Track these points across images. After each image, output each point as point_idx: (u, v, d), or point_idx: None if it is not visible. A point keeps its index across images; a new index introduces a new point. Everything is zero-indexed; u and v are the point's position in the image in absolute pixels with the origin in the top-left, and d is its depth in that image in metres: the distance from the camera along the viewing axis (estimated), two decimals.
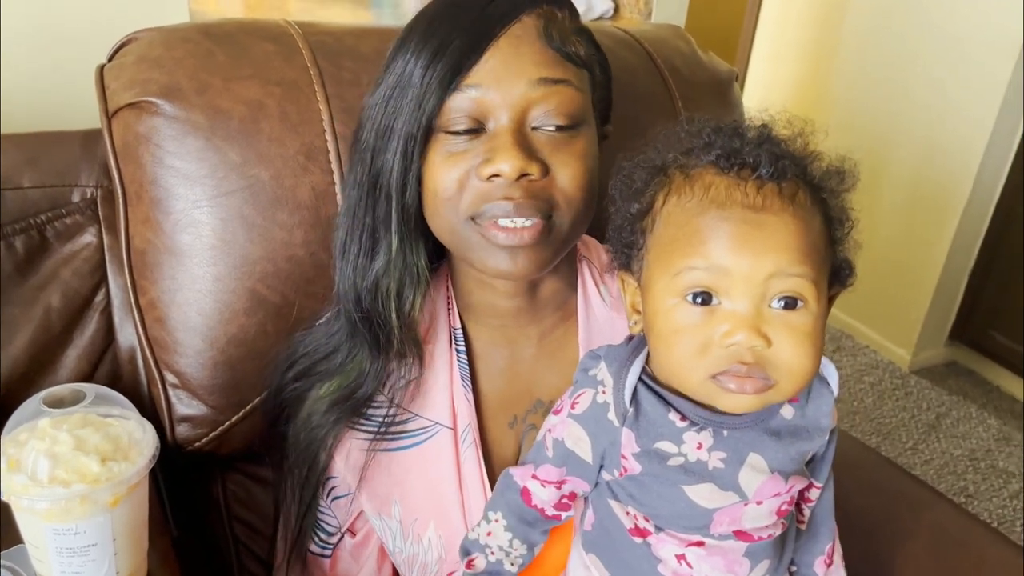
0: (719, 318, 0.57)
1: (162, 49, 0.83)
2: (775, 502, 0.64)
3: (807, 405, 0.65)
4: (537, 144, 0.68)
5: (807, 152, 0.62)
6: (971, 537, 1.02)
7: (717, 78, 1.12)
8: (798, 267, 0.57)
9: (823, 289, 0.59)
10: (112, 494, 0.62)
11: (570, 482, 0.68)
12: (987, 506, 2.15)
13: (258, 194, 0.81)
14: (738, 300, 0.57)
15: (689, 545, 0.65)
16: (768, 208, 0.57)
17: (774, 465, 0.63)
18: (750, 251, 0.56)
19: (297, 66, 0.84)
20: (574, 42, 0.70)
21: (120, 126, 0.83)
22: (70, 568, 0.63)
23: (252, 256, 0.82)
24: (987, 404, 2.56)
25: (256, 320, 0.84)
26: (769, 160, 0.58)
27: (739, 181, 0.58)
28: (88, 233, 0.91)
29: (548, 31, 0.68)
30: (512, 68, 0.67)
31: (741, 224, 0.57)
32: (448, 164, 0.69)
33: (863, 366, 2.71)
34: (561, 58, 0.68)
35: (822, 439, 0.66)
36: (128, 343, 0.92)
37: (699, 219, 0.58)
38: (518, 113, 0.67)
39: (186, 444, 0.88)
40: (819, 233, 0.59)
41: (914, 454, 2.33)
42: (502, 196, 0.67)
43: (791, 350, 0.58)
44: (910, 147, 2.57)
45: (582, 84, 0.70)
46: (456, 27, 0.67)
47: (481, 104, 0.67)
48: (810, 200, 0.59)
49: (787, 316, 0.57)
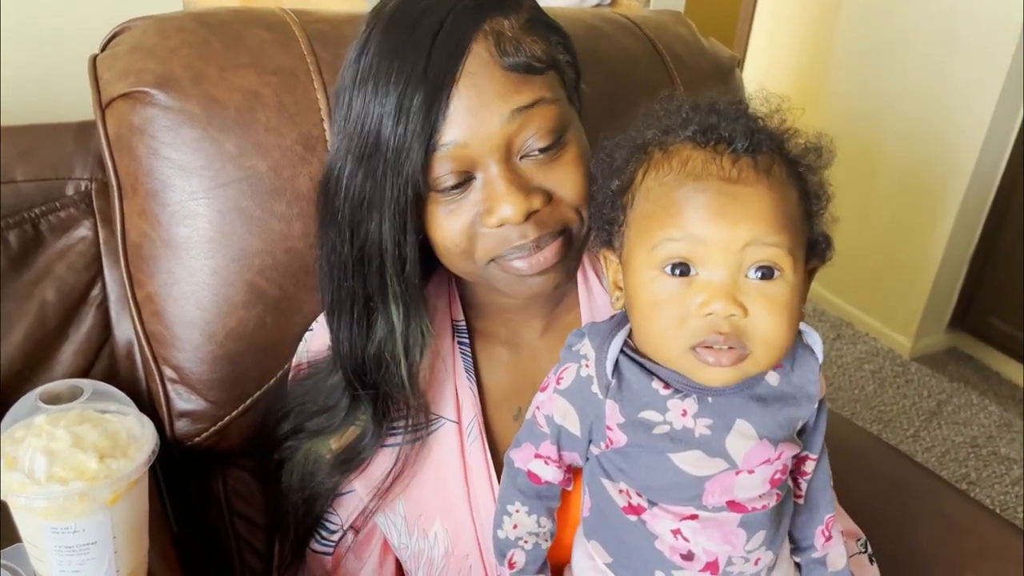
0: (696, 288, 0.58)
1: (156, 38, 0.81)
2: (767, 470, 0.64)
3: (792, 372, 0.65)
4: (530, 173, 0.66)
5: (784, 128, 0.62)
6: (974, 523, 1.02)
7: (719, 64, 1.11)
8: (774, 236, 0.57)
9: (800, 261, 0.60)
10: (111, 491, 0.61)
11: (567, 456, 0.69)
12: (989, 492, 2.16)
13: (256, 185, 0.80)
14: (715, 270, 0.58)
15: (683, 519, 0.65)
16: (743, 180, 0.57)
17: (762, 431, 0.63)
18: (726, 221, 0.57)
19: (294, 54, 0.83)
20: (530, 43, 0.65)
21: (114, 117, 0.82)
22: (70, 567, 0.62)
23: (250, 249, 0.81)
24: (988, 391, 2.56)
25: (255, 313, 0.83)
26: (744, 134, 0.58)
27: (715, 155, 0.58)
28: (83, 227, 0.90)
29: (502, 50, 0.63)
30: (480, 111, 0.63)
31: (717, 195, 0.57)
32: (450, 220, 0.67)
33: (863, 354, 2.71)
34: (525, 76, 0.64)
35: (810, 406, 0.66)
36: (125, 338, 0.91)
37: (676, 192, 0.59)
38: (502, 153, 0.65)
39: (185, 439, 0.87)
40: (795, 206, 0.60)
41: (915, 441, 2.33)
42: (518, 238, 0.66)
43: (767, 319, 0.58)
44: (909, 133, 2.56)
45: (554, 89, 0.67)
46: (412, 77, 0.62)
47: (463, 157, 0.64)
48: (786, 173, 0.60)
49: (764, 286, 0.58)
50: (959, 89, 2.42)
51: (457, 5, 0.64)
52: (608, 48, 1.01)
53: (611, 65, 1.00)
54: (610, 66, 1.00)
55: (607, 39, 1.02)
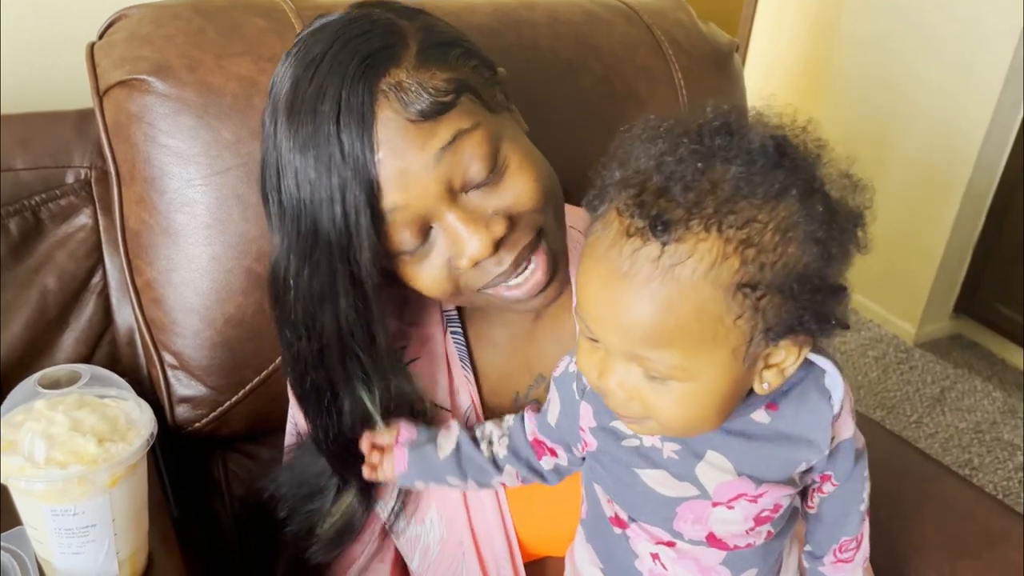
0: (602, 359, 0.56)
1: (152, 26, 0.82)
2: (749, 508, 0.62)
3: (792, 414, 0.61)
4: (483, 201, 0.65)
5: (761, 213, 0.50)
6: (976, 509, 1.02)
7: (718, 50, 1.10)
8: (650, 351, 0.53)
9: (721, 361, 0.53)
10: (110, 475, 0.62)
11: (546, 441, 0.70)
12: (992, 478, 2.15)
13: (252, 172, 0.80)
14: (611, 351, 0.55)
15: (659, 543, 0.65)
16: (634, 275, 0.51)
17: (742, 467, 0.61)
18: (606, 325, 0.54)
19: (290, 41, 0.82)
20: (428, 79, 0.62)
21: (112, 105, 0.82)
22: (70, 549, 0.63)
23: (248, 235, 0.81)
24: (992, 377, 2.55)
25: (253, 299, 0.83)
26: (670, 218, 0.50)
27: (623, 236, 0.51)
28: (83, 214, 0.90)
29: (404, 102, 0.61)
30: (408, 169, 0.61)
31: (602, 289, 0.53)
32: (427, 272, 0.67)
33: (868, 340, 2.70)
34: (435, 117, 0.62)
35: (815, 452, 0.62)
36: (126, 325, 0.92)
37: (584, 261, 0.55)
38: (447, 197, 0.63)
39: (186, 425, 0.88)
40: (705, 308, 0.51)
41: (919, 427, 2.33)
42: (495, 267, 0.66)
43: (665, 406, 0.55)
44: (914, 120, 2.55)
45: (470, 116, 0.63)
46: (331, 168, 0.61)
47: (412, 218, 0.63)
48: (707, 269, 0.50)
49: (655, 384, 0.55)
50: (963, 75, 2.41)
51: (345, 77, 0.61)
52: (606, 34, 1.01)
53: (609, 51, 1.00)
54: (608, 52, 1.00)
55: (605, 25, 1.02)
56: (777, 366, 0.56)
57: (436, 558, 0.79)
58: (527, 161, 0.67)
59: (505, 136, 0.66)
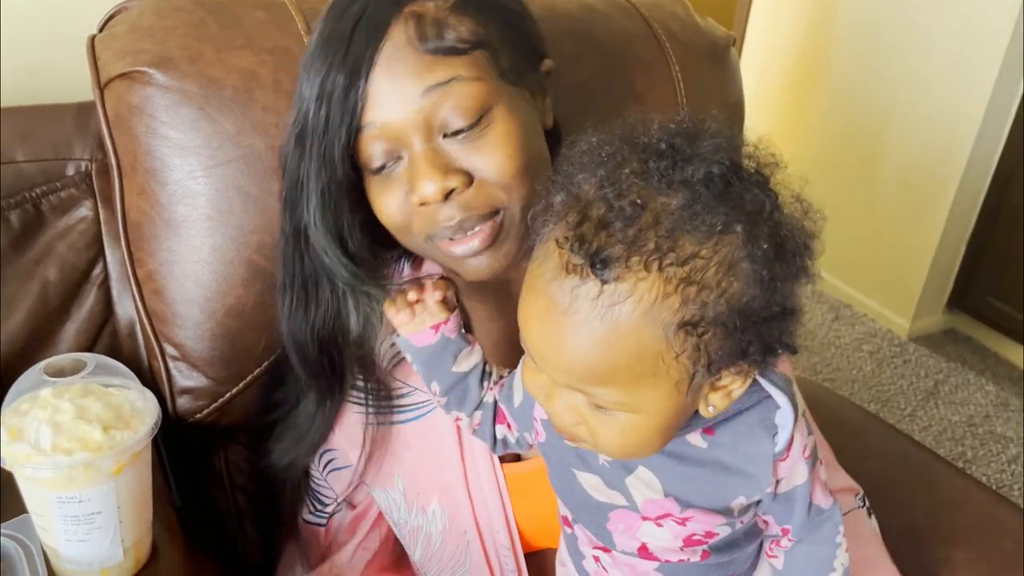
0: (549, 383, 0.56)
1: (153, 18, 0.82)
2: (677, 529, 0.61)
3: (727, 441, 0.59)
4: (454, 152, 0.66)
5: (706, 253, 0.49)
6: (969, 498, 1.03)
7: (715, 44, 1.11)
8: (590, 385, 0.53)
9: (660, 395, 0.52)
10: (115, 462, 0.62)
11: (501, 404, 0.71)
12: (985, 471, 2.17)
13: (253, 164, 0.81)
14: (556, 380, 0.55)
15: (596, 548, 0.66)
16: (573, 313, 0.50)
17: (669, 488, 0.60)
18: (548, 360, 0.53)
19: (290, 34, 0.83)
20: (453, 26, 0.65)
21: (113, 97, 0.82)
22: (75, 536, 0.64)
23: (249, 226, 0.82)
24: (985, 370, 2.57)
25: (254, 291, 0.84)
26: (609, 255, 0.48)
27: (562, 272, 0.50)
28: (84, 206, 0.90)
29: (420, 34, 0.64)
30: (396, 91, 0.64)
31: (543, 325, 0.52)
32: (384, 198, 0.69)
33: (862, 335, 2.72)
34: (442, 56, 0.64)
35: (755, 487, 0.60)
36: (127, 316, 0.92)
37: (526, 291, 0.54)
38: (423, 132, 0.65)
39: (187, 416, 0.89)
40: (645, 347, 0.50)
41: (912, 421, 2.35)
42: (444, 219, 0.67)
43: (607, 434, 0.55)
44: (908, 115, 2.56)
45: (476, 69, 0.66)
46: (334, 64, 0.65)
47: (386, 137, 0.66)
48: (646, 309, 0.49)
49: (599, 413, 0.54)
50: (958, 70, 2.42)
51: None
52: (603, 27, 1.02)
53: (606, 44, 1.00)
54: (605, 45, 1.00)
55: (602, 18, 1.02)
56: (724, 388, 0.55)
57: (439, 548, 0.80)
58: (512, 136, 0.67)
59: (504, 104, 0.67)
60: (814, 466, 0.61)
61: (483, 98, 0.65)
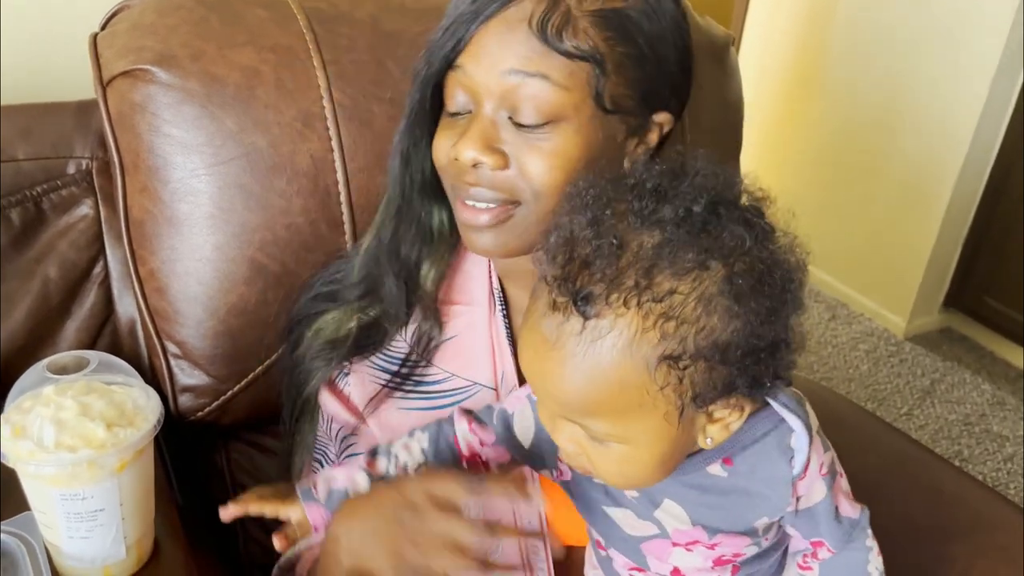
0: (551, 415, 0.59)
1: (155, 16, 0.82)
2: (708, 552, 0.63)
3: (746, 470, 0.61)
4: (510, 136, 0.67)
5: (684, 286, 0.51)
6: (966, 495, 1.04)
7: (714, 43, 1.11)
8: (581, 417, 0.55)
9: (651, 425, 0.54)
10: (118, 459, 0.62)
11: (493, 449, 0.70)
12: (982, 470, 2.18)
13: (256, 162, 0.81)
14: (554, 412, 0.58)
15: (632, 569, 0.67)
16: (559, 348, 0.52)
17: (697, 518, 0.62)
18: (542, 392, 0.57)
19: (292, 32, 0.84)
20: (579, 30, 0.64)
21: (115, 95, 0.83)
22: (78, 533, 0.64)
23: (251, 224, 0.82)
24: (981, 369, 2.58)
25: (256, 289, 0.84)
26: (590, 293, 0.51)
27: (550, 309, 0.53)
28: (84, 205, 0.90)
29: (543, 20, 0.63)
30: (492, 54, 0.65)
31: (535, 359, 0.55)
32: (441, 136, 0.71)
33: (858, 334, 2.72)
34: (547, 50, 0.64)
35: (775, 508, 0.62)
36: (127, 315, 0.92)
37: (524, 325, 0.57)
38: (497, 102, 0.66)
39: (189, 414, 0.89)
40: (629, 380, 0.52)
41: (909, 420, 2.35)
42: (464, 179, 0.68)
43: (605, 465, 0.57)
44: (905, 115, 2.57)
45: (571, 78, 0.65)
46: (462, 3, 0.67)
47: (467, 85, 0.68)
48: (626, 344, 0.51)
49: (594, 444, 0.56)
50: (954, 70, 2.43)
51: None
52: None
53: None
54: None
55: None
56: (721, 421, 0.57)
57: None
58: (567, 155, 0.66)
59: (578, 122, 0.66)
60: (834, 481, 0.63)
61: (558, 106, 0.65)
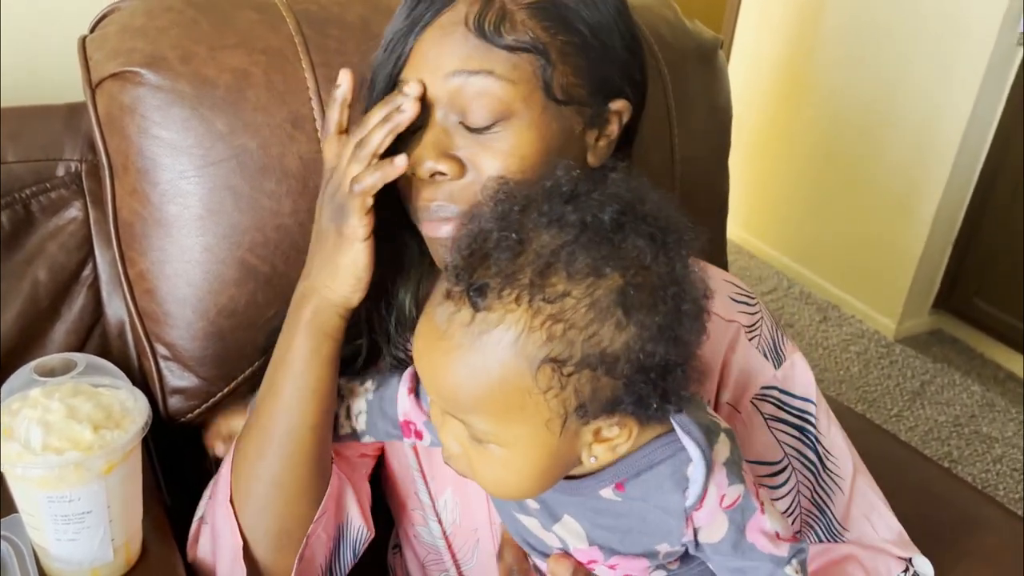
0: (439, 412, 0.58)
1: (145, 18, 0.82)
2: (608, 573, 0.62)
3: (638, 495, 0.58)
4: (463, 141, 0.64)
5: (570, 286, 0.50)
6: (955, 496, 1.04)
7: (703, 46, 1.12)
8: (464, 413, 0.54)
9: (532, 431, 0.53)
10: (105, 461, 0.62)
11: (425, 427, 0.69)
12: (971, 471, 2.19)
13: (245, 163, 0.81)
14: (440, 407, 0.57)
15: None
16: (448, 338, 0.52)
17: (595, 538, 0.61)
18: (428, 383, 0.56)
19: (282, 35, 0.84)
20: (517, 23, 0.62)
21: (104, 97, 0.82)
22: (66, 535, 0.64)
23: (240, 226, 0.82)
24: (971, 371, 2.59)
25: (246, 290, 0.84)
26: (484, 285, 0.50)
27: (445, 298, 0.53)
28: (73, 207, 0.90)
29: (479, 18, 0.61)
30: (432, 60, 0.63)
31: (424, 348, 0.54)
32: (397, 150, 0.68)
33: (849, 336, 2.74)
34: (487, 46, 0.61)
35: (675, 537, 0.59)
36: (117, 317, 0.92)
37: (421, 316, 0.56)
38: (442, 106, 0.63)
39: (179, 416, 0.89)
40: (511, 379, 0.51)
41: (899, 421, 2.37)
42: (424, 197, 0.66)
43: (482, 468, 0.56)
44: (894, 118, 2.58)
45: (516, 72, 0.62)
46: (398, 17, 0.65)
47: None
48: (512, 340, 0.50)
49: (475, 445, 0.55)
50: (943, 72, 2.44)
51: None
52: None
53: None
54: None
55: None
56: (608, 442, 0.55)
57: (448, 538, 0.80)
58: (522, 150, 0.63)
59: (530, 116, 0.63)
60: (745, 516, 0.58)
61: (506, 101, 0.62)
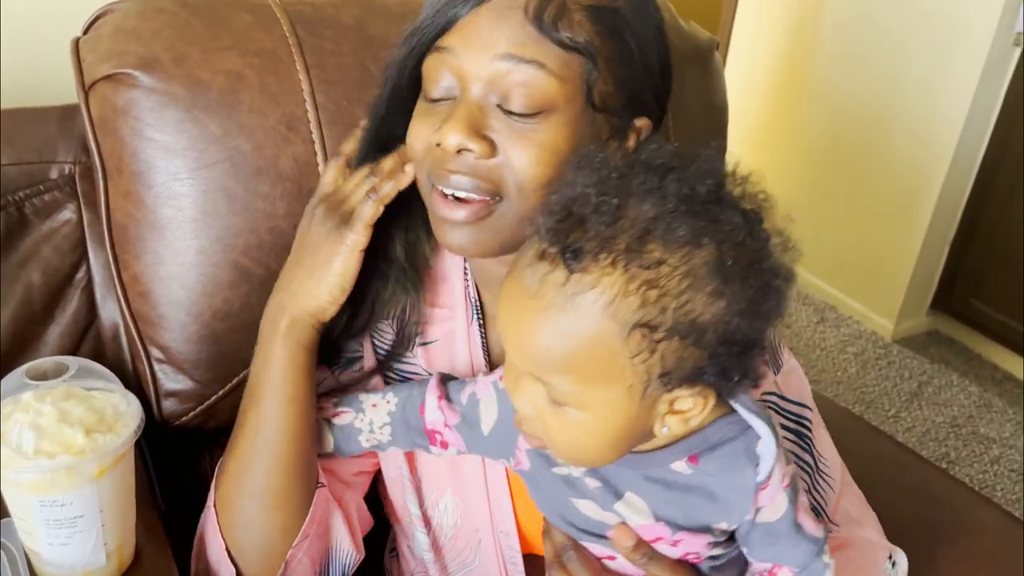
0: (516, 375, 0.58)
1: (138, 20, 0.82)
2: (670, 550, 0.63)
3: (711, 471, 0.60)
4: (495, 123, 0.64)
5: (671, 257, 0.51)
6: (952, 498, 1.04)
7: (698, 47, 1.12)
8: (547, 374, 0.54)
9: (613, 395, 0.54)
10: (97, 465, 0.62)
11: (452, 433, 0.69)
12: (968, 471, 2.19)
13: (239, 166, 0.81)
14: (520, 368, 0.57)
15: (603, 557, 0.67)
16: (539, 298, 0.52)
17: (660, 513, 0.61)
18: (512, 343, 0.56)
19: (276, 36, 0.83)
20: (575, 21, 0.62)
21: (97, 100, 0.82)
22: (58, 540, 0.64)
23: (235, 228, 0.82)
24: (968, 372, 2.59)
25: (240, 293, 0.84)
26: (580, 248, 0.51)
27: (536, 259, 0.53)
28: (67, 210, 0.90)
29: (540, 8, 0.61)
30: (484, 37, 0.62)
31: (511, 308, 0.55)
32: (418, 123, 0.68)
33: (846, 337, 2.73)
34: (543, 38, 0.61)
35: (735, 515, 0.61)
36: (111, 320, 0.92)
37: (507, 277, 0.56)
38: (484, 87, 0.63)
39: (173, 419, 0.88)
40: (602, 341, 0.52)
41: (896, 422, 2.36)
42: (446, 166, 0.65)
43: (559, 431, 0.57)
44: (891, 118, 2.58)
45: (565, 69, 0.62)
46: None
47: (454, 67, 0.64)
48: (606, 303, 0.51)
49: (552, 408, 0.56)
50: (940, 73, 2.44)
51: None
52: None
53: None
54: None
55: None
56: (682, 414, 0.56)
57: (448, 542, 0.80)
58: (555, 148, 0.63)
59: (568, 116, 0.64)
60: (796, 496, 0.62)
61: (551, 96, 0.62)
